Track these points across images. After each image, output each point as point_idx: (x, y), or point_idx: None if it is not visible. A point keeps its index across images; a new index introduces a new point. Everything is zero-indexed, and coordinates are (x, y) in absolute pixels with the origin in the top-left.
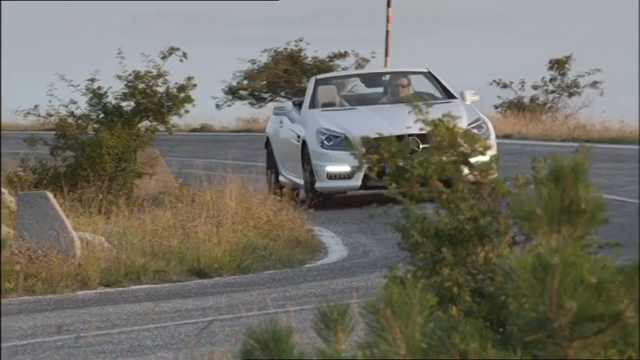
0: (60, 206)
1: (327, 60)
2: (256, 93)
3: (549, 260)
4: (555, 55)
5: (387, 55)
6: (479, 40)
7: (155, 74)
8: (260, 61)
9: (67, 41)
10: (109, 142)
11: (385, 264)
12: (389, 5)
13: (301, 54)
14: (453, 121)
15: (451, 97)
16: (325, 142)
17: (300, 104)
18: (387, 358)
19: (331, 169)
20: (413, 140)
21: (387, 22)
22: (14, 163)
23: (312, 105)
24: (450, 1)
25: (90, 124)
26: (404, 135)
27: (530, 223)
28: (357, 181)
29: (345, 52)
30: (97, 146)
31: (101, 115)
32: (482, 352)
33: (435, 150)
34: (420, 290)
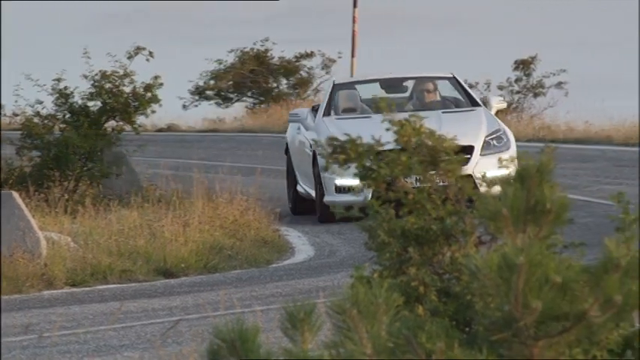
0: (26, 206)
1: (293, 60)
2: (223, 93)
3: (515, 260)
4: (520, 56)
5: (353, 56)
6: (445, 41)
7: (122, 74)
8: (226, 62)
9: (32, 41)
10: (75, 142)
11: (352, 264)
12: (355, 6)
13: (268, 54)
14: (419, 122)
15: (475, 104)
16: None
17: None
18: (353, 357)
19: (341, 182)
20: None
21: (353, 22)
22: None
23: (328, 112)
24: (417, 2)
25: (56, 123)
26: None
27: (496, 222)
28: (368, 196)
29: (312, 52)
30: (64, 146)
31: (67, 115)
32: (449, 351)
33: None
34: (387, 290)
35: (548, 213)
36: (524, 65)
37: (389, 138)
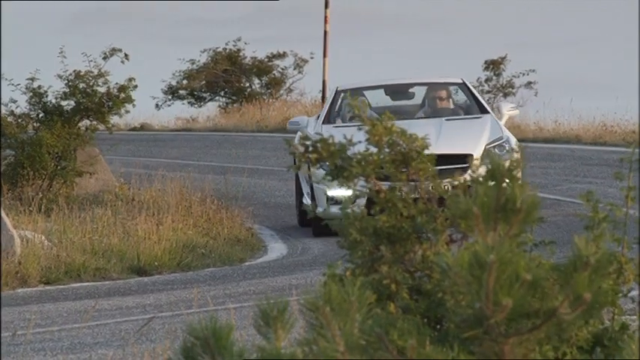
0: None
1: (265, 60)
2: (196, 93)
3: (485, 258)
4: (490, 56)
5: (325, 56)
6: (416, 41)
7: (96, 74)
8: (199, 61)
9: (6, 40)
10: (49, 141)
11: (324, 262)
12: (327, 6)
13: (240, 54)
14: (390, 121)
15: (483, 110)
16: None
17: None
18: (326, 354)
19: (333, 193)
20: None
21: (325, 22)
22: None
23: (328, 119)
24: (388, 2)
25: (30, 123)
26: None
27: (467, 221)
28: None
29: (284, 52)
30: (37, 145)
31: (41, 114)
32: (420, 348)
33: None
34: (359, 288)
35: (518, 211)
36: (494, 65)
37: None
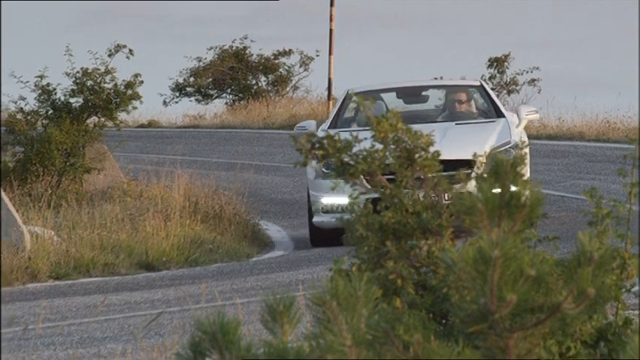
0: (9, 200)
1: (271, 58)
2: (203, 90)
3: (490, 253)
4: (494, 54)
5: (330, 54)
6: (420, 39)
7: (103, 71)
8: (206, 59)
9: (15, 39)
10: (57, 138)
11: (330, 257)
12: (332, 4)
13: (246, 52)
14: (396, 118)
15: (499, 114)
16: (324, 169)
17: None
18: (332, 348)
19: (327, 201)
20: None
21: (330, 20)
22: None
23: (335, 124)
24: (394, 1)
25: (39, 120)
26: None
27: (472, 217)
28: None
29: (290, 50)
30: (46, 142)
31: (50, 111)
32: (426, 343)
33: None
34: (365, 283)
35: (522, 208)
36: (497, 63)
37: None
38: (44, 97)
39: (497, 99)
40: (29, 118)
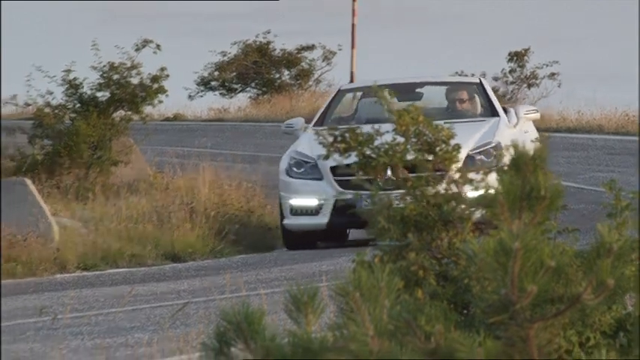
0: (38, 193)
1: (294, 52)
2: (227, 84)
3: (511, 245)
4: (514, 48)
5: (353, 48)
6: (441, 34)
7: (129, 66)
8: (230, 53)
9: (43, 34)
10: (85, 131)
11: (353, 249)
12: None
13: (269, 46)
14: (417, 111)
15: (494, 113)
16: (294, 169)
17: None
18: (355, 339)
19: (296, 202)
20: (391, 168)
21: (352, 15)
22: None
23: (321, 121)
24: None
25: (66, 113)
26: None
27: (492, 209)
28: (324, 218)
29: (313, 44)
30: (74, 135)
31: (77, 105)
32: (447, 333)
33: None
34: (387, 274)
35: (542, 200)
36: (517, 57)
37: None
38: (71, 91)
39: (494, 97)
40: (57, 111)
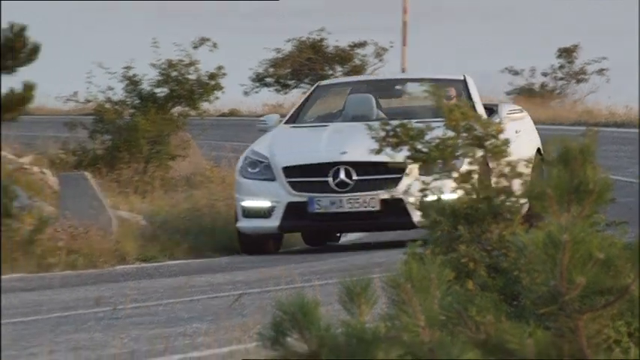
0: (98, 186)
1: (347, 49)
2: (281, 80)
3: (559, 237)
4: (564, 44)
5: (404, 44)
6: (492, 30)
7: (187, 63)
8: (284, 50)
9: (104, 32)
10: (144, 127)
11: (403, 242)
12: None
13: (323, 43)
14: (466, 107)
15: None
16: (249, 169)
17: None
18: (407, 329)
19: (248, 204)
20: (344, 170)
21: (403, 12)
22: (56, 145)
23: (295, 118)
24: None
25: (126, 109)
26: (333, 163)
27: (542, 202)
28: (275, 222)
29: (365, 41)
30: (133, 130)
31: (136, 101)
32: (497, 323)
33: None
34: (438, 266)
35: (590, 193)
36: (567, 53)
37: (310, 156)
38: (131, 87)
39: (477, 96)
40: (117, 107)
